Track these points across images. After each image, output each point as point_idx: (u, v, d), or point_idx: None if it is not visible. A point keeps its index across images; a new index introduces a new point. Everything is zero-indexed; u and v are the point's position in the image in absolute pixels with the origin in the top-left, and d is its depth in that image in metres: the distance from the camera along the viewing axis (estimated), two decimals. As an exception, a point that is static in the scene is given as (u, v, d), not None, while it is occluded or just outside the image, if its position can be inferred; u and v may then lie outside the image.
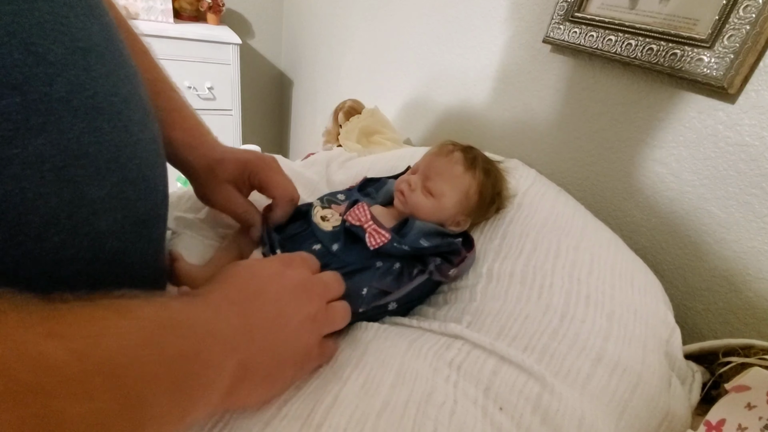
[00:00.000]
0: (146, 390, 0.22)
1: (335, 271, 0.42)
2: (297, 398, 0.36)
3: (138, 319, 0.24)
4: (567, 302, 0.47)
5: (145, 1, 1.68)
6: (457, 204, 0.54)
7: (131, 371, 0.22)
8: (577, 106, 0.71)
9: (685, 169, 0.58)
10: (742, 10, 0.49)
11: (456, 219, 0.55)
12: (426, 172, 0.55)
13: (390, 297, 0.47)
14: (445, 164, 0.56)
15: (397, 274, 0.48)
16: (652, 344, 0.46)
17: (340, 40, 1.54)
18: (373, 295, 0.46)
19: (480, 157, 0.58)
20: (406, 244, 0.48)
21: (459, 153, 0.57)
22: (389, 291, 0.47)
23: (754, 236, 0.52)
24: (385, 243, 0.48)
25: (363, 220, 0.50)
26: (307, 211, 0.54)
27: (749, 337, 0.51)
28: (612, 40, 0.63)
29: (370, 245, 0.48)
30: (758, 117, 0.50)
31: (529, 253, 0.54)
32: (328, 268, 0.44)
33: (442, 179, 0.54)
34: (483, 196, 0.56)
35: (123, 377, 0.21)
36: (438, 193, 0.54)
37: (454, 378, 0.39)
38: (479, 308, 0.48)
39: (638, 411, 0.41)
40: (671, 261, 0.61)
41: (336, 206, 0.55)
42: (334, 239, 0.50)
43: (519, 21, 0.80)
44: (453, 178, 0.55)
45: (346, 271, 0.46)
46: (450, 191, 0.54)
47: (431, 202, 0.54)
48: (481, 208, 0.57)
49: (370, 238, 0.48)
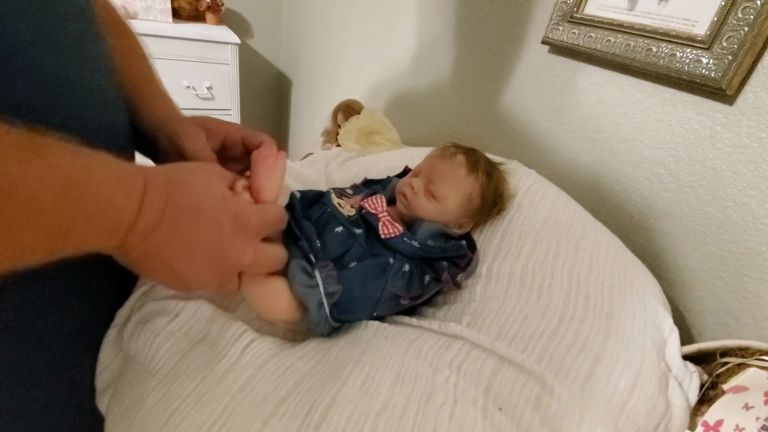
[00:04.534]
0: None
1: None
2: (295, 397, 0.36)
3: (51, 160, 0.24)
4: (566, 302, 0.47)
5: (143, 1, 1.67)
6: (459, 207, 0.54)
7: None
8: (576, 107, 0.72)
9: (683, 170, 0.58)
10: (741, 12, 0.49)
11: (458, 221, 0.55)
12: (429, 174, 0.55)
13: (404, 301, 0.47)
14: (448, 167, 0.56)
15: (408, 277, 0.47)
16: (650, 345, 0.46)
17: (339, 40, 1.54)
18: (388, 299, 0.46)
19: (482, 159, 0.58)
20: (416, 241, 0.49)
21: (462, 156, 0.57)
22: (400, 295, 0.47)
23: (751, 237, 0.52)
24: (397, 235, 0.48)
25: (378, 210, 0.51)
26: (321, 197, 0.53)
27: (747, 338, 0.51)
28: (611, 41, 0.63)
29: (382, 234, 0.48)
30: (756, 118, 0.50)
31: (528, 253, 0.54)
32: (351, 252, 0.46)
33: (445, 182, 0.54)
34: (485, 199, 0.56)
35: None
36: (441, 196, 0.54)
37: (454, 379, 0.39)
38: (478, 308, 0.48)
39: (637, 411, 0.41)
40: (670, 262, 0.61)
41: (347, 198, 0.55)
42: (355, 224, 0.50)
43: (518, 22, 0.81)
44: (456, 181, 0.55)
45: (367, 256, 0.47)
46: (453, 194, 0.54)
47: (434, 205, 0.54)
48: (483, 211, 0.57)
49: (383, 228, 0.49)
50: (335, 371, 0.38)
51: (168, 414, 0.35)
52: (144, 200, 0.29)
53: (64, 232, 0.25)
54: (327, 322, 0.44)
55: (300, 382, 0.37)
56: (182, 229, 0.31)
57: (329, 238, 0.47)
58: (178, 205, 0.31)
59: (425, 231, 0.51)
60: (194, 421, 0.34)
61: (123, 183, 0.28)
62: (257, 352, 0.40)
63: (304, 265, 0.44)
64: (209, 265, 0.34)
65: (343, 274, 0.45)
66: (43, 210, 0.23)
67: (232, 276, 0.37)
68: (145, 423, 0.36)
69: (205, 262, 0.33)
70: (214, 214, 0.33)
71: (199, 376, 0.38)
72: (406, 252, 0.48)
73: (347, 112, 1.09)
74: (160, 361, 0.39)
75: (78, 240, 0.26)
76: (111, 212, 0.27)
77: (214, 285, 0.36)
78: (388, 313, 0.47)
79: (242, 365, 0.39)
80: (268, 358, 0.40)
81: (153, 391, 0.37)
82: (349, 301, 0.44)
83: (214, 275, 0.35)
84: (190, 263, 0.33)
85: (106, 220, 0.27)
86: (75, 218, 0.25)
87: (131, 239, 0.29)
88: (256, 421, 0.34)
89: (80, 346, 0.42)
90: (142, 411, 0.37)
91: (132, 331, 0.42)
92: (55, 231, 0.25)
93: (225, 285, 0.37)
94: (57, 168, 0.24)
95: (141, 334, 0.41)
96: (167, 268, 0.32)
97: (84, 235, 0.27)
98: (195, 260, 0.33)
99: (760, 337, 0.51)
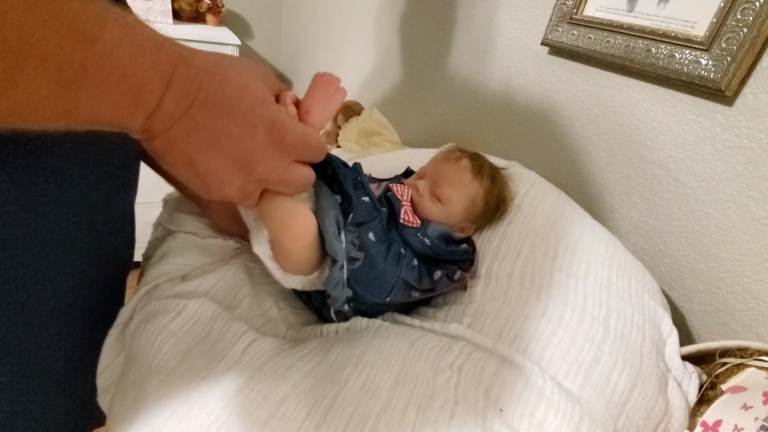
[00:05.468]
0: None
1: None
2: (295, 397, 0.36)
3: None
4: (565, 303, 0.47)
5: (144, 2, 1.67)
6: (463, 210, 0.55)
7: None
8: (575, 108, 0.72)
9: (682, 171, 0.58)
10: (740, 13, 0.49)
11: (461, 225, 0.56)
12: (434, 178, 0.56)
13: (414, 293, 0.47)
14: (453, 171, 0.57)
15: (417, 271, 0.48)
16: (649, 345, 0.46)
17: (338, 41, 1.54)
18: (401, 287, 0.46)
19: (487, 164, 0.59)
20: (429, 238, 0.50)
21: (467, 160, 0.58)
22: (413, 285, 0.47)
23: (751, 238, 0.52)
24: (414, 227, 0.49)
25: (404, 198, 0.52)
26: (346, 166, 0.52)
27: (745, 338, 0.51)
28: (610, 42, 0.63)
29: (402, 219, 0.49)
30: (756, 119, 0.50)
31: (527, 254, 0.54)
32: (372, 224, 0.46)
33: (450, 186, 0.55)
34: (488, 203, 0.57)
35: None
36: (446, 200, 0.55)
37: (455, 380, 0.39)
38: (479, 309, 0.48)
39: (636, 412, 0.41)
40: (669, 263, 0.61)
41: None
42: (380, 202, 0.49)
43: (517, 23, 0.81)
44: (461, 185, 0.56)
45: (384, 236, 0.47)
46: (458, 198, 0.55)
47: (439, 208, 0.54)
48: (486, 215, 0.58)
49: (405, 215, 0.50)
50: (336, 372, 0.38)
51: (169, 413, 0.35)
52: (173, 79, 0.26)
53: (76, 87, 0.23)
54: (342, 287, 0.43)
55: (300, 383, 0.37)
56: (210, 123, 0.29)
57: (358, 202, 0.46)
58: (212, 96, 0.28)
59: (434, 231, 0.52)
60: (195, 421, 0.34)
61: (148, 52, 0.25)
62: (258, 353, 0.40)
63: (340, 220, 0.42)
64: (235, 169, 0.31)
65: (364, 240, 0.44)
66: (44, 55, 0.21)
67: (256, 190, 0.34)
68: (146, 422, 0.36)
69: (230, 165, 0.31)
70: (249, 116, 0.30)
71: (200, 375, 0.38)
72: (415, 247, 0.49)
73: (347, 114, 1.09)
74: (161, 361, 0.40)
75: (95, 103, 0.24)
76: (131, 80, 0.25)
77: (235, 194, 0.33)
78: (400, 301, 0.47)
79: (243, 365, 0.39)
80: (268, 358, 0.40)
81: (155, 390, 0.38)
82: (368, 276, 0.44)
83: (239, 183, 0.32)
84: (215, 162, 0.30)
85: (126, 88, 0.25)
86: (86, 72, 0.23)
87: (156, 123, 0.27)
88: (257, 422, 0.34)
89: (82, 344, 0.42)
90: (143, 410, 0.37)
91: (135, 330, 0.42)
92: (62, 82, 0.22)
93: (247, 198, 0.34)
94: (61, 7, 0.22)
95: (143, 334, 0.42)
96: (190, 164, 0.30)
97: (99, 100, 0.24)
98: (220, 161, 0.30)
99: (759, 337, 0.51)
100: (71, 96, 0.23)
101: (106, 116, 0.25)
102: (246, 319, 0.46)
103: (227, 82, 0.29)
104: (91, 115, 0.25)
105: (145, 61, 0.25)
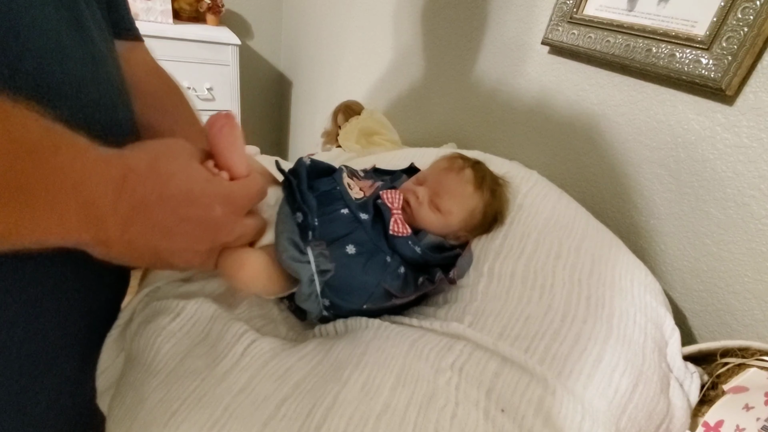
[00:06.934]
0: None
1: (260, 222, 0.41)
2: (296, 398, 0.36)
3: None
4: (568, 303, 0.47)
5: (144, 2, 1.67)
6: (461, 222, 0.55)
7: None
8: (575, 107, 0.72)
9: (683, 170, 0.58)
10: (740, 12, 0.49)
11: (457, 234, 0.55)
12: (435, 187, 0.55)
13: (395, 300, 0.47)
14: (456, 183, 0.55)
15: (402, 279, 0.47)
16: (651, 346, 0.46)
17: (339, 41, 1.54)
18: (380, 296, 0.46)
19: (488, 175, 0.58)
20: (420, 248, 0.49)
21: (470, 171, 0.57)
22: (395, 294, 0.46)
23: (752, 238, 0.52)
24: (404, 236, 0.48)
25: (395, 205, 0.50)
26: (332, 171, 0.52)
27: (747, 338, 0.51)
28: (610, 42, 0.63)
29: (391, 230, 0.48)
30: (756, 119, 0.50)
31: (530, 253, 0.54)
32: (352, 236, 0.45)
33: (451, 198, 0.54)
34: (486, 216, 0.56)
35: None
36: (446, 211, 0.53)
37: (456, 380, 0.39)
38: (480, 308, 0.48)
39: (638, 412, 0.41)
40: (670, 263, 0.61)
41: (357, 180, 0.55)
42: (362, 209, 0.49)
43: (517, 22, 0.81)
44: (463, 198, 0.55)
45: (368, 246, 0.46)
46: (458, 210, 0.54)
47: (438, 218, 0.53)
48: (482, 226, 0.57)
49: (394, 225, 0.48)
50: (336, 372, 0.38)
51: (169, 415, 0.35)
52: (124, 186, 0.28)
53: (23, 205, 0.24)
54: (317, 300, 0.43)
55: (300, 383, 0.37)
56: (169, 215, 0.31)
57: (332, 217, 0.46)
58: (165, 192, 0.31)
59: (428, 242, 0.51)
60: (195, 422, 0.34)
61: (98, 167, 0.27)
62: (258, 353, 0.40)
63: (297, 240, 0.42)
64: (199, 245, 0.34)
65: (339, 255, 0.44)
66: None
67: (217, 253, 0.38)
68: (145, 424, 0.36)
69: (194, 243, 0.34)
70: (203, 198, 0.33)
71: (199, 376, 0.38)
72: (406, 255, 0.48)
73: (347, 113, 1.09)
74: (161, 362, 0.39)
75: (45, 221, 0.25)
76: (81, 196, 0.26)
77: (200, 264, 0.36)
78: (376, 308, 0.47)
79: (243, 366, 0.39)
80: (268, 358, 0.40)
81: (154, 391, 0.37)
82: (345, 286, 0.44)
83: (204, 254, 0.35)
84: (180, 244, 0.33)
85: (77, 204, 0.26)
86: (34, 191, 0.24)
87: (112, 228, 0.29)
88: (257, 422, 0.34)
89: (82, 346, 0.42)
90: (143, 412, 0.37)
91: (135, 332, 0.42)
92: (10, 200, 0.23)
93: (209, 262, 0.37)
94: (16, 132, 0.23)
95: (143, 335, 0.41)
96: (155, 253, 0.32)
97: (49, 217, 0.25)
98: (184, 242, 0.33)
99: (761, 337, 0.51)
100: (20, 215, 0.24)
101: (58, 233, 0.27)
102: (246, 319, 0.46)
103: (174, 176, 0.32)
104: (43, 232, 0.26)
105: (95, 177, 0.27)
